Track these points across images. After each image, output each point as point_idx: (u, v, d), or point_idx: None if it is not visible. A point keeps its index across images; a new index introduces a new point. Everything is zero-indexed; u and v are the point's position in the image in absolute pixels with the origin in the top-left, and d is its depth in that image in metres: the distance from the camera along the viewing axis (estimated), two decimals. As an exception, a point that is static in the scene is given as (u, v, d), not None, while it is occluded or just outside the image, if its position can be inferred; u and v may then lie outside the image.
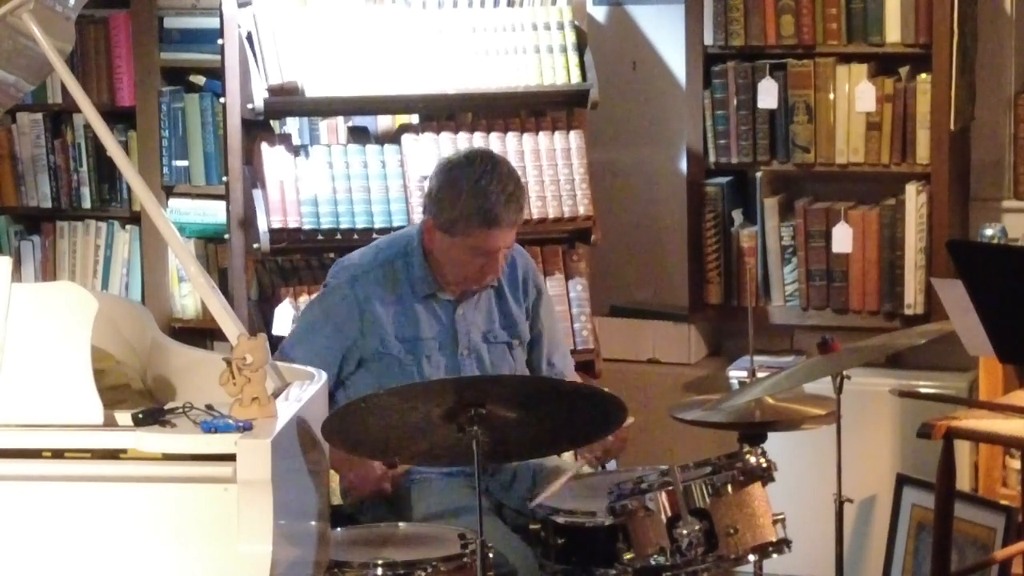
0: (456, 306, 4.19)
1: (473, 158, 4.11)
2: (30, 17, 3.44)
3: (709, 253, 5.29)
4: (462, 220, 4.04)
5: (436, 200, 4.09)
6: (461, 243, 4.07)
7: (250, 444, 2.96)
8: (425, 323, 4.15)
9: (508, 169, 4.11)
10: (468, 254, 4.09)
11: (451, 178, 4.07)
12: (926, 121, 5.00)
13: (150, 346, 3.72)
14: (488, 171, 4.06)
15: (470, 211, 4.03)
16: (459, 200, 4.04)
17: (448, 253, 4.10)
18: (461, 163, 4.10)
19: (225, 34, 4.77)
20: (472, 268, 4.12)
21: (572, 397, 3.75)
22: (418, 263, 4.14)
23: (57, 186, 5.69)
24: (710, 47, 5.23)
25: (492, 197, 4.02)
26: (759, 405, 4.06)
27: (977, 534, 4.71)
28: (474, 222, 4.03)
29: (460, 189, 4.04)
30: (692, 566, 3.64)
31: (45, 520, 3.00)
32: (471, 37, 4.88)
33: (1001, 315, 3.61)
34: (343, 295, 4.14)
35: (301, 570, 3.20)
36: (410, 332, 4.13)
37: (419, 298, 4.15)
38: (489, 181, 4.04)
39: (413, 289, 4.14)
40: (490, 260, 4.11)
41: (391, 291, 4.13)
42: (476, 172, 4.05)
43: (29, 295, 3.15)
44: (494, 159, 4.12)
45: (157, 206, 3.50)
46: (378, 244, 4.28)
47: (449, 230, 4.07)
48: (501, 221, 4.05)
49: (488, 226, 4.04)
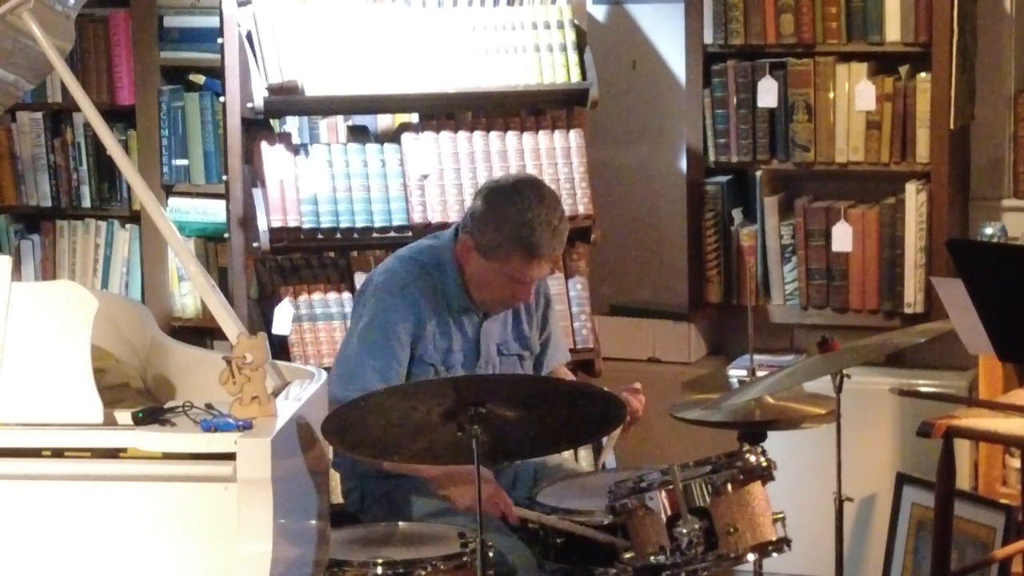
0: (483, 320, 4.20)
1: (522, 187, 4.08)
2: (30, 16, 3.44)
3: (709, 252, 5.29)
4: (503, 247, 4.03)
5: (479, 222, 4.07)
6: (498, 268, 4.07)
7: (250, 443, 2.96)
8: (456, 335, 4.16)
9: (555, 202, 4.09)
10: (502, 279, 4.08)
11: (497, 203, 4.05)
12: (926, 120, 5.00)
13: (150, 345, 3.72)
14: (535, 202, 4.03)
15: (512, 240, 4.02)
16: (503, 227, 4.03)
17: (482, 275, 4.10)
18: (508, 190, 4.08)
19: (225, 33, 4.77)
20: (503, 292, 4.12)
21: (572, 397, 3.75)
22: (452, 277, 4.13)
23: (57, 185, 5.69)
24: (710, 46, 5.23)
25: (537, 230, 4.01)
26: (759, 404, 4.07)
27: (977, 533, 4.71)
28: (515, 251, 4.03)
29: (506, 216, 4.03)
30: (692, 565, 3.64)
31: (45, 519, 3.00)
32: (471, 36, 4.88)
33: (1001, 314, 3.61)
34: (397, 305, 4.08)
35: (301, 569, 3.20)
36: (444, 343, 4.14)
37: (452, 311, 4.15)
38: (536, 213, 4.02)
39: (448, 302, 4.13)
40: (522, 287, 4.12)
41: (432, 302, 4.12)
42: (524, 202, 4.03)
43: (29, 294, 3.15)
44: (542, 190, 4.09)
45: (157, 205, 3.50)
46: (410, 256, 4.19)
47: (487, 254, 4.06)
48: (542, 255, 4.05)
49: (529, 257, 4.04)
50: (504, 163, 4.91)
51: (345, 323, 4.85)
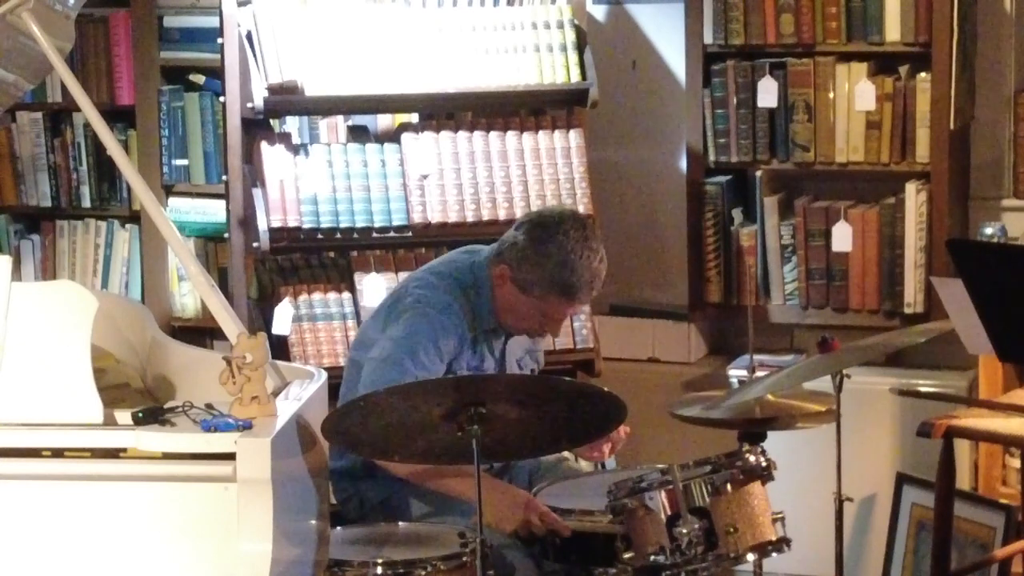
0: (507, 340, 4.21)
1: (568, 227, 4.04)
2: (30, 16, 3.44)
3: (709, 252, 5.29)
4: (541, 285, 4.03)
5: (519, 256, 4.05)
6: (531, 303, 4.06)
7: (250, 443, 2.96)
8: (486, 354, 4.16)
9: (597, 243, 4.07)
10: (535, 313, 4.08)
11: (541, 241, 4.03)
12: (926, 120, 5.00)
13: (150, 345, 3.72)
14: (580, 244, 4.01)
15: (551, 280, 4.01)
16: (544, 267, 4.01)
17: (515, 306, 4.09)
18: (553, 228, 4.04)
19: (225, 33, 4.77)
20: (532, 324, 4.13)
21: (572, 396, 3.74)
22: (486, 300, 4.11)
23: (57, 185, 5.69)
24: (710, 46, 5.23)
25: (577, 273, 4.00)
26: (759, 404, 4.06)
27: (977, 533, 4.71)
28: (553, 291, 4.03)
29: (547, 256, 4.01)
30: (692, 565, 3.64)
31: (45, 519, 3.00)
32: (471, 36, 4.88)
33: (1001, 314, 3.61)
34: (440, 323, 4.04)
35: (301, 569, 3.20)
36: (476, 362, 4.14)
37: (483, 331, 4.14)
38: (579, 256, 4.01)
39: (480, 322, 4.12)
40: (553, 324, 4.13)
41: (468, 321, 4.10)
42: (568, 243, 4.01)
43: (29, 294, 3.15)
44: (587, 231, 4.06)
45: (157, 205, 3.50)
46: (449, 272, 4.15)
47: (524, 288, 4.05)
48: (579, 299, 4.06)
49: (565, 299, 4.04)
50: (504, 163, 4.91)
51: (345, 323, 4.85)
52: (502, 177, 4.92)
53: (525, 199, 4.91)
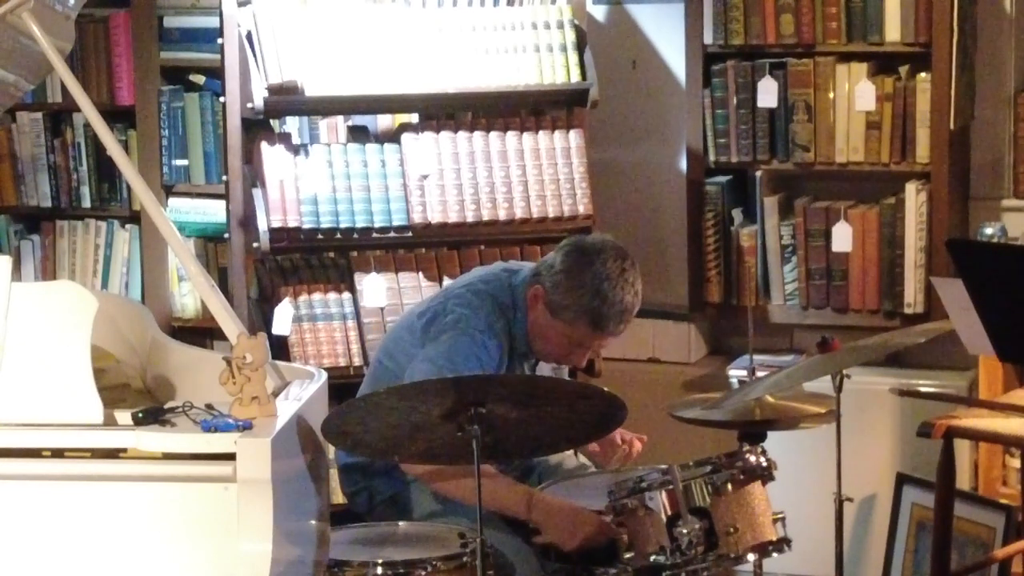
0: (537, 363, 4.21)
1: (607, 256, 4.02)
2: (30, 16, 3.44)
3: (709, 252, 5.29)
4: (571, 311, 4.01)
5: (554, 279, 4.04)
6: (560, 328, 4.05)
7: (250, 443, 2.96)
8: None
9: (635, 277, 4.04)
10: (561, 339, 4.08)
11: (578, 267, 4.02)
12: (926, 120, 5.00)
13: (150, 345, 3.72)
14: (616, 275, 3.99)
15: (583, 308, 4.00)
16: (577, 292, 4.00)
17: (544, 329, 4.08)
18: (592, 254, 4.03)
19: (225, 33, 4.77)
20: (560, 351, 4.12)
21: (572, 397, 3.74)
22: (521, 322, 4.10)
23: (57, 185, 5.69)
24: (710, 46, 5.23)
25: (608, 303, 3.98)
26: (759, 404, 4.06)
27: (977, 533, 4.71)
28: (583, 319, 4.01)
29: (583, 282, 4.00)
30: (692, 565, 3.64)
31: (45, 520, 3.00)
32: (471, 36, 4.88)
33: (1001, 314, 3.61)
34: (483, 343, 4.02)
35: (301, 569, 3.20)
36: None
37: (518, 353, 4.14)
38: (612, 287, 3.98)
39: (515, 344, 4.12)
40: (578, 352, 4.12)
41: (506, 342, 4.09)
42: (605, 272, 3.99)
43: (29, 294, 3.15)
44: (626, 264, 4.03)
45: (157, 205, 3.50)
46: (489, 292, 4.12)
47: (555, 312, 4.04)
48: (607, 330, 4.04)
49: (594, 329, 4.03)
50: (504, 163, 4.91)
51: (345, 324, 4.85)
52: (502, 177, 4.92)
53: (525, 199, 4.91)
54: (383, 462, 4.02)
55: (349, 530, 3.88)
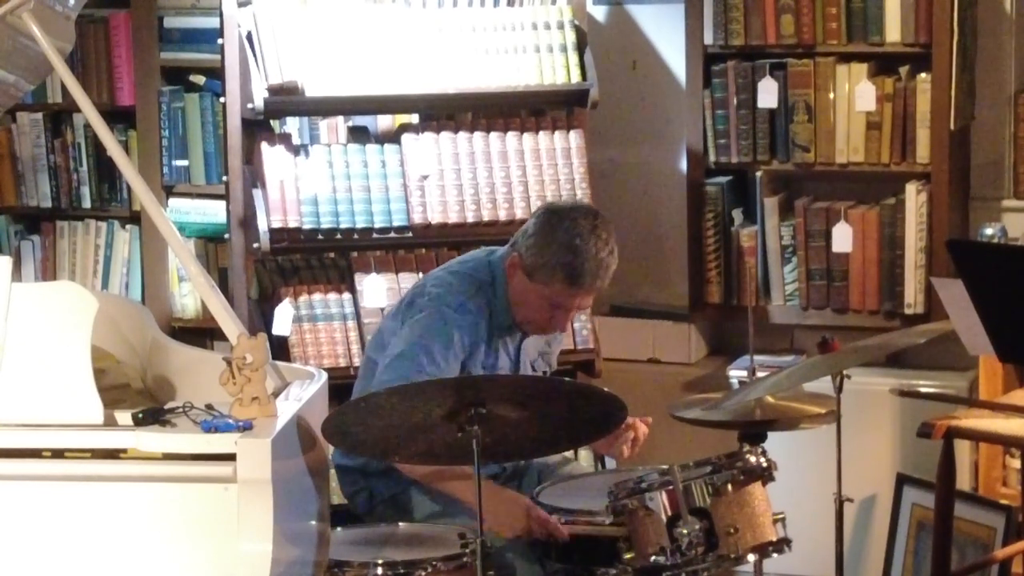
0: (523, 339, 4.20)
1: (577, 215, 4.05)
2: (30, 17, 3.44)
3: (709, 253, 5.29)
4: (546, 270, 4.02)
5: (528, 241, 4.06)
6: (538, 290, 4.06)
7: (250, 443, 2.96)
8: (502, 353, 4.16)
9: (608, 235, 4.06)
10: (542, 302, 4.08)
11: (550, 226, 4.04)
12: (926, 120, 5.00)
13: (150, 346, 3.72)
14: (588, 232, 4.01)
15: (556, 264, 4.01)
16: (549, 249, 4.02)
17: (523, 295, 4.09)
18: (563, 214, 4.05)
19: (225, 34, 4.77)
20: (541, 315, 4.11)
21: (572, 397, 3.75)
22: (502, 296, 4.11)
23: (57, 186, 5.69)
24: (710, 46, 5.23)
25: (582, 258, 4.00)
26: (759, 404, 4.07)
27: (977, 534, 4.71)
28: (557, 276, 4.02)
29: (554, 240, 4.01)
30: (692, 565, 3.64)
31: (45, 520, 3.00)
32: (471, 36, 4.88)
33: (1001, 314, 3.61)
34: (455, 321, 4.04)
35: (301, 569, 3.20)
36: (491, 360, 4.14)
37: (499, 329, 4.14)
38: (585, 241, 4.00)
39: (497, 320, 4.12)
40: (560, 314, 4.11)
41: (485, 320, 4.10)
42: (576, 229, 4.01)
43: (29, 295, 3.15)
44: (597, 221, 4.06)
45: (157, 206, 3.50)
46: (466, 272, 4.15)
47: (531, 274, 4.05)
48: (583, 284, 4.04)
49: (569, 284, 4.03)
50: (504, 163, 4.91)
51: (345, 324, 4.86)
52: (502, 178, 4.92)
53: (525, 200, 4.91)
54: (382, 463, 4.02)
55: (349, 531, 3.88)
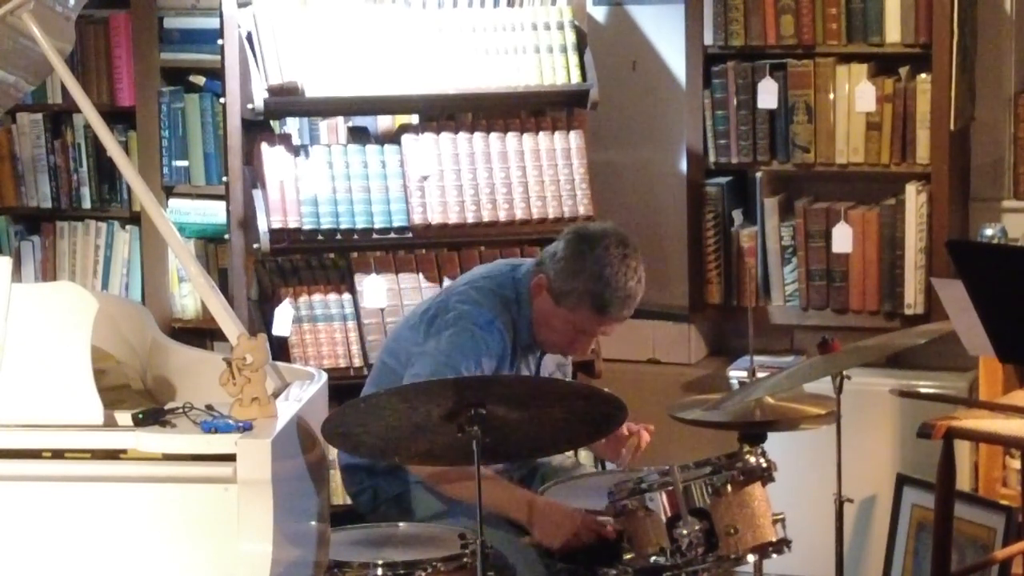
0: (543, 355, 4.21)
1: (609, 242, 4.03)
2: (30, 17, 3.44)
3: (709, 253, 5.29)
4: (574, 297, 4.02)
5: (557, 265, 4.05)
6: (563, 315, 4.05)
7: (250, 444, 2.96)
8: (523, 370, 4.16)
9: (637, 264, 4.04)
10: (565, 327, 4.07)
11: (580, 252, 4.03)
12: (926, 121, 5.00)
13: (150, 346, 3.72)
14: (618, 261, 4.00)
15: (585, 292, 4.00)
16: (579, 277, 4.01)
17: (547, 317, 4.08)
18: (595, 241, 4.03)
19: (225, 34, 4.77)
20: (564, 338, 4.12)
21: (572, 397, 3.75)
22: (526, 315, 4.10)
23: (57, 186, 5.69)
24: (710, 47, 5.23)
25: (611, 288, 3.99)
26: (759, 405, 4.06)
27: (977, 534, 4.71)
28: (585, 304, 4.01)
29: (584, 268, 4.00)
30: (692, 566, 3.64)
31: (45, 520, 3.00)
32: (471, 37, 4.88)
33: (1001, 315, 3.61)
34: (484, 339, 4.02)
35: (301, 570, 3.20)
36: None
37: (522, 346, 4.14)
38: (615, 272, 3.99)
39: (519, 337, 4.11)
40: (584, 338, 4.11)
41: (510, 338, 4.09)
42: (607, 258, 4.00)
43: (29, 295, 3.15)
44: (627, 248, 4.04)
45: (157, 206, 3.50)
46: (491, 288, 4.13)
47: (558, 299, 4.04)
48: (611, 315, 4.03)
49: (596, 313, 4.02)
50: (504, 164, 4.91)
51: (345, 325, 4.85)
52: (502, 178, 4.92)
53: (525, 200, 4.91)
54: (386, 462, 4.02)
55: (350, 531, 3.88)
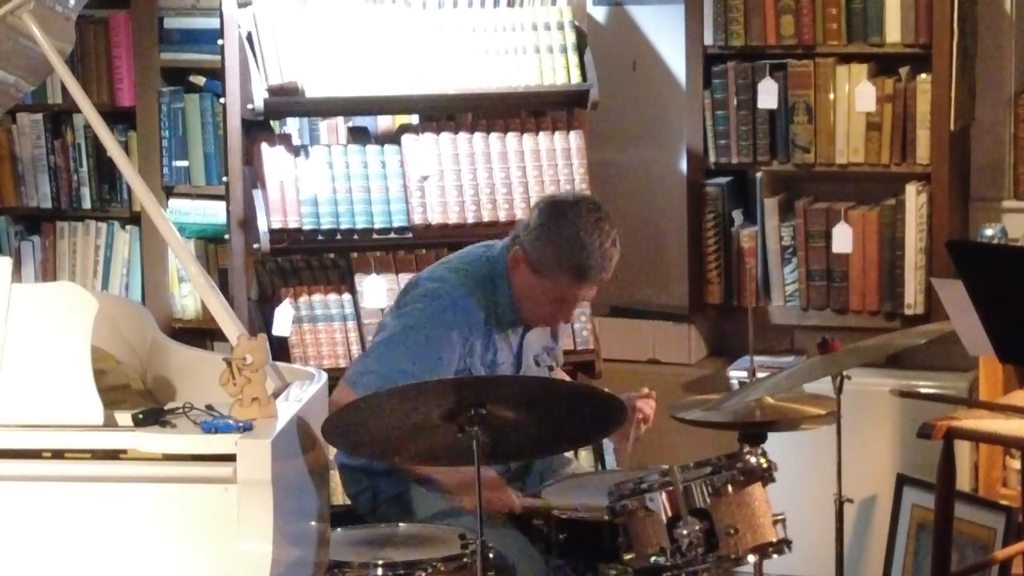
0: (525, 333, 4.20)
1: (581, 208, 4.05)
2: (30, 17, 3.44)
3: (709, 253, 5.29)
4: (552, 264, 4.02)
5: (533, 236, 4.05)
6: (543, 285, 4.05)
7: (250, 444, 2.96)
8: (503, 347, 4.15)
9: (610, 226, 4.05)
10: (547, 296, 4.07)
11: (553, 220, 4.03)
12: (926, 121, 5.00)
13: (150, 346, 3.72)
14: (592, 225, 4.01)
15: (562, 259, 4.01)
16: (555, 244, 4.01)
17: (528, 289, 4.08)
18: (566, 207, 4.05)
19: (225, 34, 4.77)
20: (546, 309, 4.12)
21: (572, 397, 3.75)
22: (504, 291, 4.10)
23: (57, 186, 5.69)
24: (710, 47, 5.23)
25: (588, 252, 3.99)
26: (759, 405, 4.07)
27: (977, 534, 4.71)
28: (563, 270, 4.02)
29: (559, 235, 4.01)
30: (692, 566, 3.64)
31: (45, 520, 3.00)
32: (471, 37, 4.88)
33: (1001, 315, 3.61)
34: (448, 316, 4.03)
35: (301, 570, 3.20)
36: (490, 356, 4.13)
37: (500, 323, 4.13)
38: (589, 234, 4.00)
39: (497, 315, 4.11)
40: (566, 307, 4.11)
41: (481, 315, 4.09)
42: (580, 222, 4.01)
43: (29, 295, 3.15)
44: (600, 213, 4.06)
45: (157, 206, 3.50)
46: (462, 267, 4.15)
47: (537, 270, 4.04)
48: (590, 278, 4.04)
49: (576, 278, 4.03)
50: (504, 164, 4.92)
51: (345, 325, 4.86)
52: (502, 178, 4.92)
53: (525, 200, 4.91)
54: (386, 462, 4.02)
55: (349, 531, 3.88)
